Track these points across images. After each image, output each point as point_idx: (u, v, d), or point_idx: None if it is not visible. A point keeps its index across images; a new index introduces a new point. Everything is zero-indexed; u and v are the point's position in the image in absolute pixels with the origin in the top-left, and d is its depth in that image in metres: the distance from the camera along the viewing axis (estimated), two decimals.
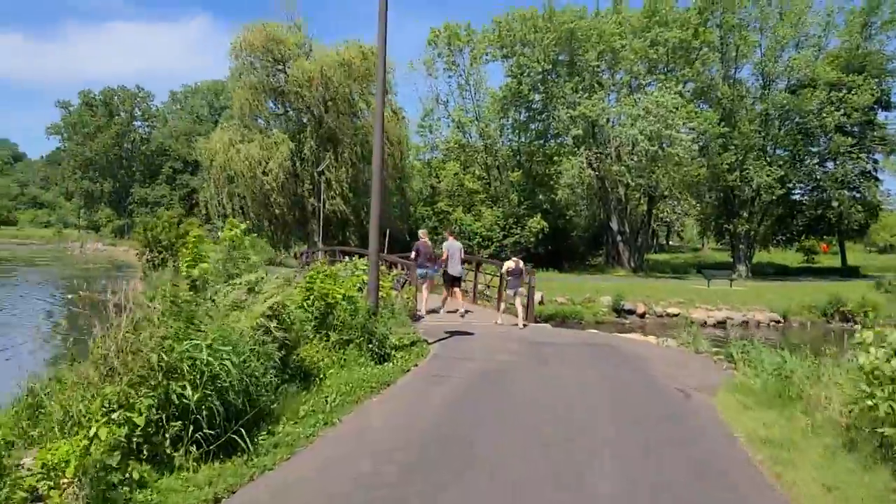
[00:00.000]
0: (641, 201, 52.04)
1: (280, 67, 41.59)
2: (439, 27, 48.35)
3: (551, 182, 49.11)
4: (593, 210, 52.58)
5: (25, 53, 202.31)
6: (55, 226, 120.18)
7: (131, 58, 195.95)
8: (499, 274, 17.86)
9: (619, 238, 48.64)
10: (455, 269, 16.60)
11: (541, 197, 48.88)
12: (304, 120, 43.70)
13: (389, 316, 13.19)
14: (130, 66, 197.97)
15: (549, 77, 46.19)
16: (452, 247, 16.73)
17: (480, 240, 47.15)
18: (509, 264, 16.10)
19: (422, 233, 17.83)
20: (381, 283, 13.48)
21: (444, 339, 13.32)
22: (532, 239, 46.44)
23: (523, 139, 49.49)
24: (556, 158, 48.61)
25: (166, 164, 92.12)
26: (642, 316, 27.20)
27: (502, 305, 16.92)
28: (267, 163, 40.51)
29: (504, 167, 51.59)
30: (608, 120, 44.22)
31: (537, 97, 47.44)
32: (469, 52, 48.69)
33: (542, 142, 49.55)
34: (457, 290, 16.97)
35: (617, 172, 43.53)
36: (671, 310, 27.90)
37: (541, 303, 26.04)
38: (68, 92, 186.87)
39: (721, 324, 27.65)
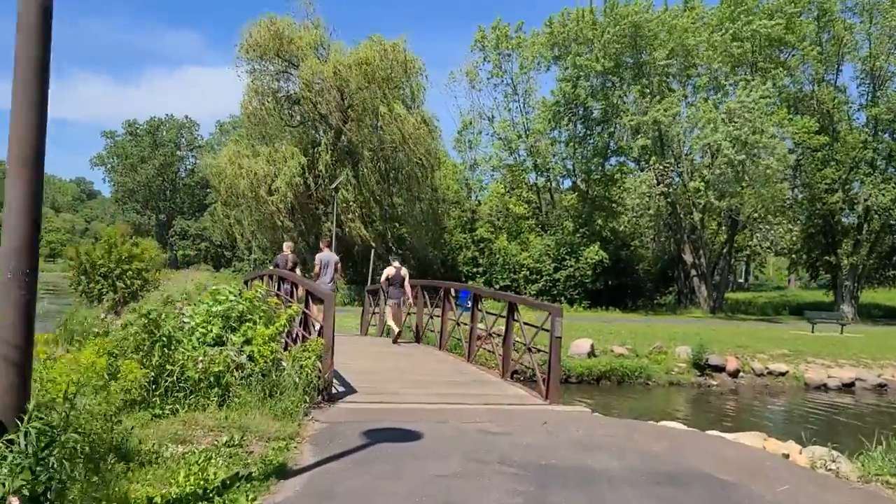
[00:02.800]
0: (721, 229, 44.02)
1: (292, 71, 35.88)
2: (487, 27, 42.25)
3: (612, 206, 41.76)
4: (662, 239, 44.78)
5: (112, 97, 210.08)
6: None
7: (207, 99, 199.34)
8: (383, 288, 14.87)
9: (693, 273, 40.70)
10: (326, 283, 14.08)
11: (599, 223, 41.52)
12: (320, 131, 37.79)
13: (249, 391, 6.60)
14: (206, 108, 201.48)
15: (609, 81, 39.17)
16: (328, 259, 14.61)
17: (527, 273, 39.99)
18: (390, 271, 14.15)
19: (286, 246, 16.11)
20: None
21: (337, 457, 5.87)
22: (589, 272, 39.03)
23: (579, 156, 42.35)
24: (618, 178, 41.31)
25: (209, 195, 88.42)
26: (735, 374, 19.49)
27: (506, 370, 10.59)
28: (273, 180, 34.56)
29: (556, 189, 44.50)
30: (682, 130, 36.80)
31: (596, 106, 40.39)
32: (518, 57, 42.18)
33: (601, 159, 42.26)
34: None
35: (693, 191, 35.89)
36: (775, 366, 20.11)
37: (591, 354, 18.73)
38: None
39: (848, 387, 19.70)
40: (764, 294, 64.16)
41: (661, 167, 36.78)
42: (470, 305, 24.24)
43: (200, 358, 6.90)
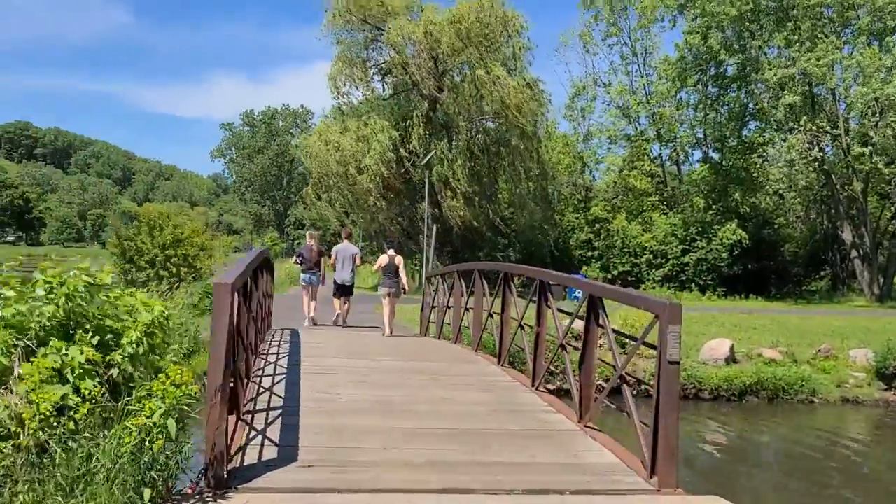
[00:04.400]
0: (888, 201, 37.02)
1: (381, 38, 32.65)
2: None
3: (752, 178, 35.89)
4: (813, 216, 38.27)
5: (246, 95, 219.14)
6: (242, 251, 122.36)
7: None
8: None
9: (853, 254, 34.19)
10: (344, 275, 13.78)
11: (736, 198, 35.81)
12: (412, 102, 34.43)
13: None
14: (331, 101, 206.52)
15: (746, 29, 33.30)
16: (345, 250, 13.90)
17: (650, 257, 35.04)
18: (383, 259, 12.73)
19: (309, 236, 15.18)
20: None
21: None
22: (724, 255, 33.60)
23: (710, 121, 36.67)
24: (758, 145, 35.39)
25: None
26: None
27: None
28: (363, 157, 31.59)
29: (683, 160, 39.06)
30: (840, 83, 30.59)
31: (730, 61, 34.58)
32: (636, 10, 37.03)
33: (737, 123, 36.34)
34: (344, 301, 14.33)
35: (854, 157, 29.73)
36: None
37: (731, 359, 14.15)
38: None
39: None
40: None
41: (812, 129, 30.70)
42: (578, 295, 19.83)
43: None
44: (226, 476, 4.10)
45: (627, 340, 7.35)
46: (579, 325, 6.78)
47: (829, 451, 10.81)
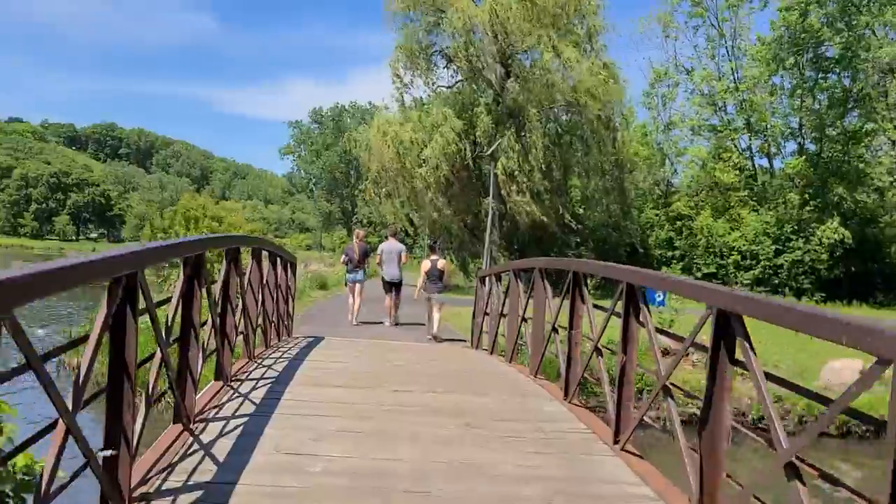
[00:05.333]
0: None
1: (443, 22, 30.44)
2: None
3: (858, 170, 32.17)
4: None
5: (320, 95, 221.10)
6: (313, 249, 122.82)
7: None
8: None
9: None
10: (392, 272, 13.73)
11: (839, 194, 32.10)
12: (477, 90, 32.15)
13: None
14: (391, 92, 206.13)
15: (851, 4, 29.69)
16: (391, 248, 13.87)
17: (738, 257, 31.81)
18: (426, 264, 12.46)
19: (356, 234, 15.05)
20: None
21: None
22: (824, 256, 30.15)
23: (808, 109, 33.07)
24: (863, 134, 31.70)
25: None
26: None
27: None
28: (423, 148, 29.54)
29: (775, 153, 35.51)
30: None
31: (834, 41, 30.94)
32: None
33: (839, 111, 32.60)
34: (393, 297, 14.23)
35: None
36: None
37: None
38: None
39: None
40: None
41: None
42: (660, 298, 16.99)
43: None
44: None
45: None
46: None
47: None
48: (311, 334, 12.18)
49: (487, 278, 10.22)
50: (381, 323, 14.34)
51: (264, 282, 8.36)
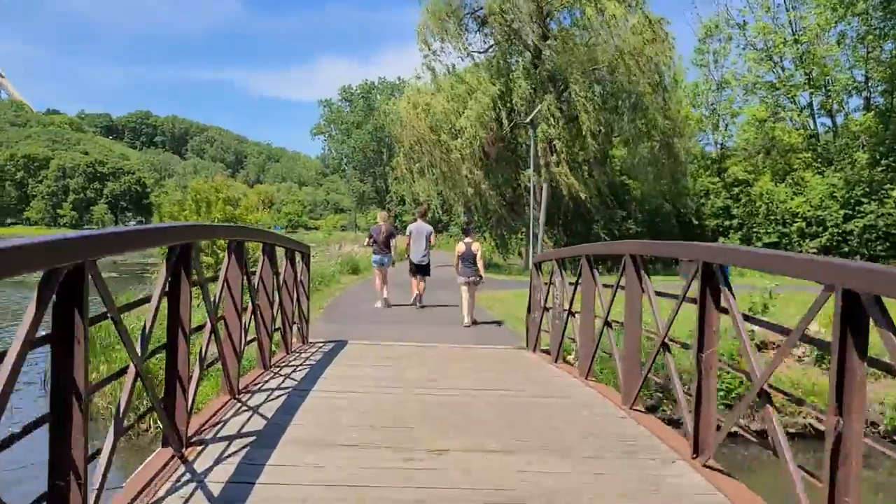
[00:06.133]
0: None
1: None
2: None
3: None
4: None
5: (353, 75, 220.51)
6: (348, 230, 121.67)
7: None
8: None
9: None
10: (419, 255, 13.47)
11: None
12: (514, 54, 29.87)
13: None
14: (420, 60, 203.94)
15: None
16: (419, 229, 13.70)
17: (803, 224, 29.23)
18: (460, 247, 12.15)
19: (380, 216, 14.85)
20: None
21: None
22: None
23: (875, 60, 30.11)
24: None
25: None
26: None
27: None
28: (458, 118, 27.49)
29: (838, 109, 32.57)
30: None
31: None
32: None
33: None
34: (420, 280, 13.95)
35: None
36: None
37: None
38: None
39: None
40: None
41: None
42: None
43: None
44: None
45: None
46: None
47: None
48: (336, 329, 10.67)
49: (547, 265, 8.17)
50: (410, 305, 14.05)
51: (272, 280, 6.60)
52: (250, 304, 6.01)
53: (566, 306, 7.31)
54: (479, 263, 11.92)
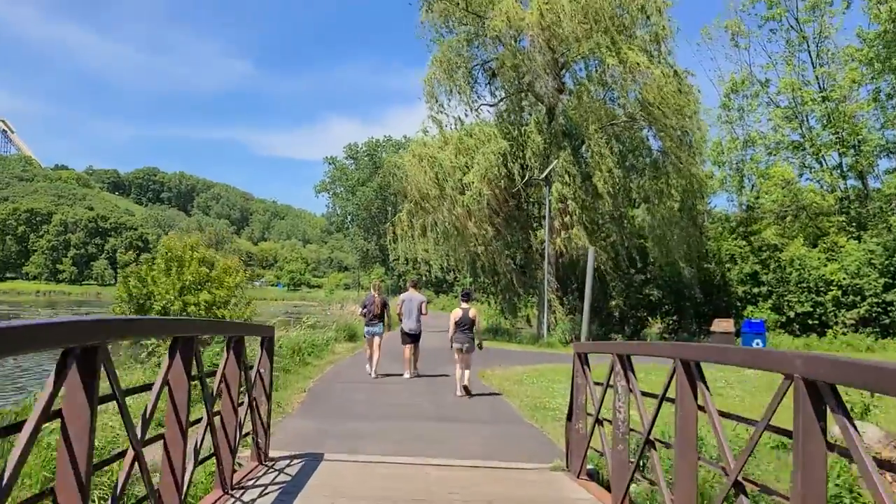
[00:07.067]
0: None
1: (485, 32, 26.54)
2: None
3: None
4: None
5: (358, 135, 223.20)
6: (351, 288, 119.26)
7: None
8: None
9: None
10: (411, 325, 13.73)
11: None
12: (526, 108, 28.12)
13: None
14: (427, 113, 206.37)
15: None
16: (411, 299, 13.92)
17: (839, 293, 26.88)
18: (457, 313, 11.95)
19: (373, 286, 14.99)
20: None
21: None
22: None
23: None
24: None
25: None
26: None
27: None
28: (465, 173, 25.53)
29: (872, 168, 30.67)
30: None
31: None
32: None
33: None
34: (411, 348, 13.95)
35: None
36: None
37: None
38: None
39: None
40: None
41: None
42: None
43: None
44: None
45: None
46: None
47: None
48: (314, 428, 8.56)
49: (611, 359, 5.75)
50: (401, 375, 13.81)
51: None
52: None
53: (640, 425, 4.97)
54: (478, 330, 11.74)
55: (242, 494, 5.20)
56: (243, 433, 5.95)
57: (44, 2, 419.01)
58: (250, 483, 5.58)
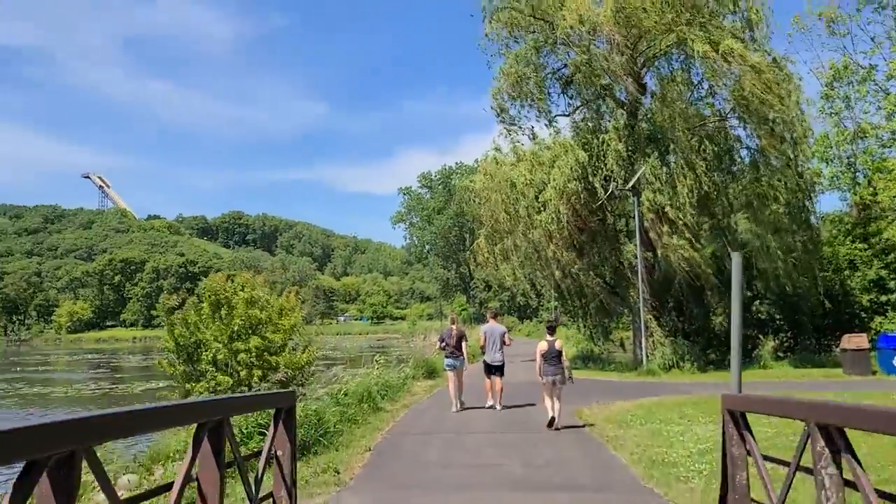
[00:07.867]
0: None
1: (554, 34, 24.58)
2: None
3: None
4: None
5: (434, 166, 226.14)
6: (434, 318, 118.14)
7: None
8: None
9: None
10: (494, 356, 13.44)
11: None
12: (604, 113, 25.89)
13: None
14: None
15: None
16: (493, 331, 13.62)
17: None
18: (542, 345, 11.51)
19: (450, 318, 14.82)
20: None
21: None
22: None
23: None
24: None
25: None
26: None
27: None
28: (541, 190, 23.49)
29: None
30: None
31: None
32: None
33: None
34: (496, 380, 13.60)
35: None
36: None
37: None
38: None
39: None
40: None
41: None
42: None
43: None
44: None
45: None
46: None
47: None
48: (381, 482, 6.88)
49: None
50: (490, 408, 13.51)
51: None
52: None
53: None
54: (565, 361, 11.44)
55: None
56: None
57: (130, 62, 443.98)
58: None
